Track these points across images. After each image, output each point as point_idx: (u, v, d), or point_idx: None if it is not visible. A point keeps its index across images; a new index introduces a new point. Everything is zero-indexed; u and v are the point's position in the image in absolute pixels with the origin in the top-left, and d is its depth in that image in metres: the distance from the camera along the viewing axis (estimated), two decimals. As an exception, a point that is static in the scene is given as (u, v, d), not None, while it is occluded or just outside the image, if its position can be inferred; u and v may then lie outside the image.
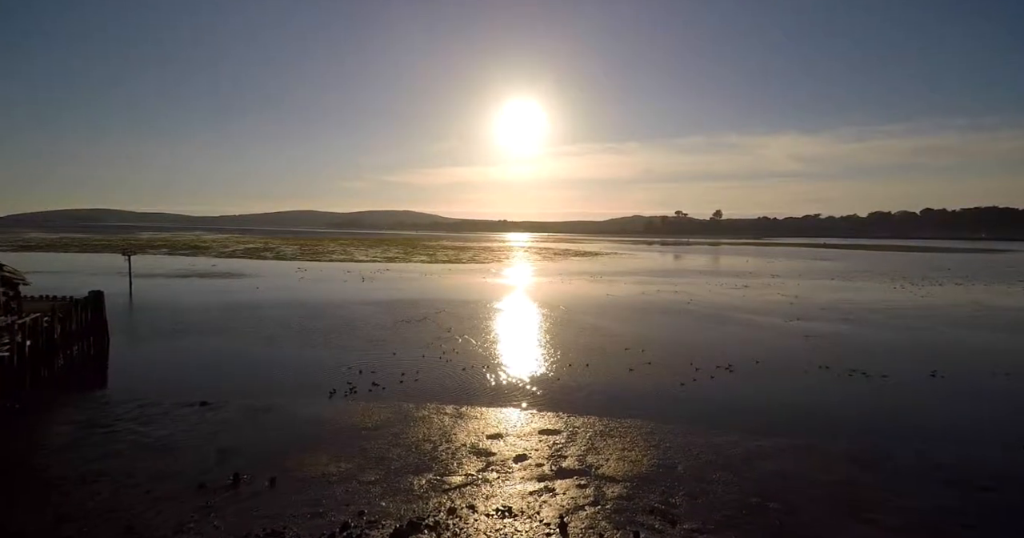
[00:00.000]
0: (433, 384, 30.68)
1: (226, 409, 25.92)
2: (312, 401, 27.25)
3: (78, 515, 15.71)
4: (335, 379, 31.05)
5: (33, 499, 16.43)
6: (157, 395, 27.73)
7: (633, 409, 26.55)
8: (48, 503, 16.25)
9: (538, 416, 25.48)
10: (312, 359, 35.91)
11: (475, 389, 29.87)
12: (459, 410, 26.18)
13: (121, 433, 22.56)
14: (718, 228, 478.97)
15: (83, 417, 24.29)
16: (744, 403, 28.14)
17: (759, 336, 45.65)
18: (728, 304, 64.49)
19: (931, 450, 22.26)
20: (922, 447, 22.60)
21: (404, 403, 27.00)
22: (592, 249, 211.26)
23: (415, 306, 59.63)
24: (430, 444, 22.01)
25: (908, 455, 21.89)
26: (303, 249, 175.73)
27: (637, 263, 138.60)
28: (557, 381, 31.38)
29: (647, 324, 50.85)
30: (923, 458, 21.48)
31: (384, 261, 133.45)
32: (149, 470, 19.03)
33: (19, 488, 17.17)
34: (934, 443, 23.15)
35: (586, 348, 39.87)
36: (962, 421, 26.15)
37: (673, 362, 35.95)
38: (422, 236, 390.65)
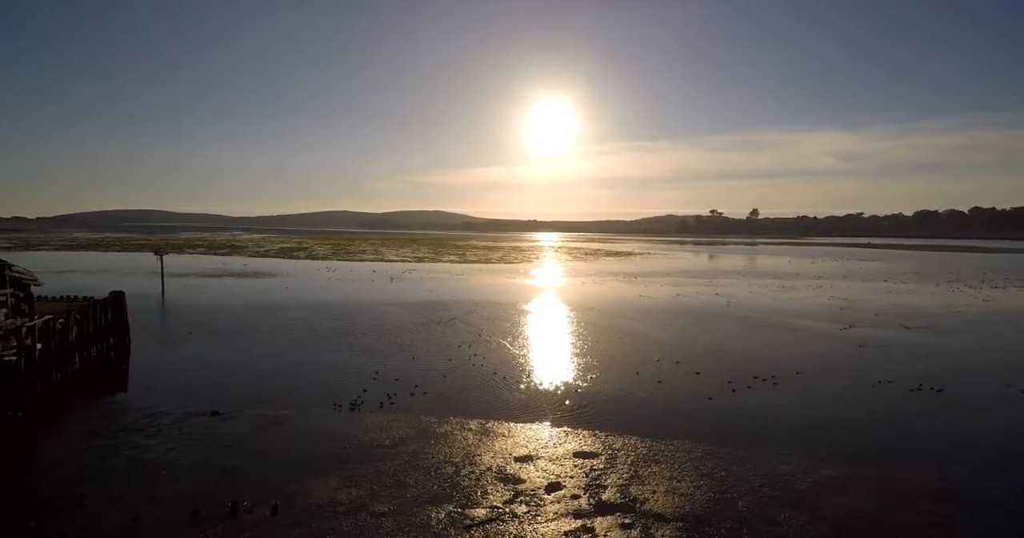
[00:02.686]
0: (458, 394, 28.42)
1: (237, 420, 24.16)
2: (328, 412, 25.30)
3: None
4: (355, 387, 29.10)
5: (10, 527, 14.71)
6: (169, 403, 26.21)
7: (678, 428, 23.73)
8: (24, 532, 14.50)
9: (572, 435, 22.89)
10: (334, 364, 34.12)
11: (502, 400, 27.47)
12: (485, 426, 23.80)
13: (122, 447, 20.92)
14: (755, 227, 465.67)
15: (86, 427, 22.81)
16: (801, 422, 25.02)
17: (809, 344, 42.01)
18: (772, 307, 60.54)
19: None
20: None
21: (426, 416, 24.77)
22: (624, 249, 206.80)
23: (443, 307, 57.65)
24: (452, 467, 19.69)
25: (1011, 489, 18.57)
26: (335, 249, 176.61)
27: (671, 263, 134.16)
28: (591, 392, 28.73)
29: (685, 328, 47.63)
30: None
31: (414, 261, 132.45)
32: (142, 493, 17.21)
33: None
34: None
35: (621, 354, 37.07)
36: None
37: (718, 372, 32.89)
38: (452, 236, 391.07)
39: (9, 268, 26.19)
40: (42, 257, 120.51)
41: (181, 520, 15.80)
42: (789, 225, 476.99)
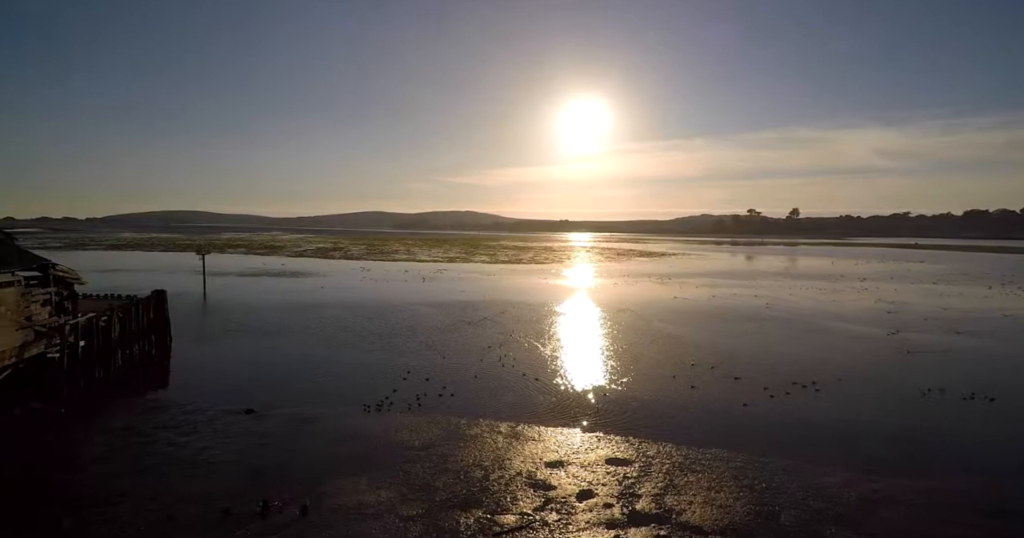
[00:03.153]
0: (488, 395, 28.11)
1: (270, 419, 24.39)
2: (359, 412, 25.31)
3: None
4: (386, 387, 29.11)
5: (45, 523, 15.04)
6: (206, 400, 26.69)
7: (715, 435, 22.86)
8: (57, 531, 14.79)
9: (604, 440, 22.28)
10: (366, 364, 34.26)
11: (533, 403, 27.03)
12: (515, 429, 23.40)
13: (158, 444, 21.31)
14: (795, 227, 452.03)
15: (125, 424, 23.35)
16: (846, 432, 23.83)
17: (853, 349, 40.22)
18: (813, 310, 58.39)
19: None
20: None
21: (456, 418, 24.54)
22: (658, 249, 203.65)
23: (474, 307, 57.53)
24: (481, 471, 19.36)
25: (1081, 512, 17.16)
26: (369, 249, 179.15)
27: (707, 264, 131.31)
28: (624, 397, 28.02)
29: (721, 331, 46.27)
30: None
31: (445, 261, 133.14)
32: (176, 491, 17.42)
33: (35, 508, 15.89)
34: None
35: (654, 358, 36.16)
36: None
37: (755, 377, 31.72)
38: (483, 236, 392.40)
39: (53, 267, 27.03)
40: (90, 256, 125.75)
41: (213, 519, 15.89)
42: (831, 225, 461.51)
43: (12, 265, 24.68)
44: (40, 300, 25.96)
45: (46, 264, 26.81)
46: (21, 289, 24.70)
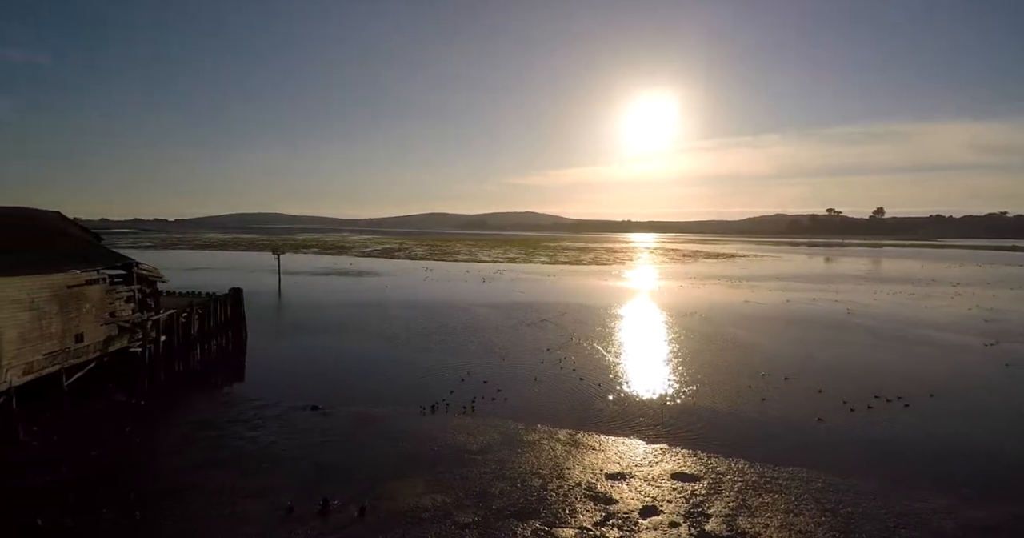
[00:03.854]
0: (547, 400, 27.50)
1: (334, 416, 24.87)
2: (419, 412, 25.37)
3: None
4: (445, 387, 29.12)
5: (117, 515, 15.78)
6: (275, 396, 27.60)
7: (792, 452, 21.23)
8: (130, 520, 15.46)
9: (670, 453, 21.16)
10: (426, 364, 34.49)
11: (594, 410, 26.18)
12: (574, 437, 22.68)
13: (229, 437, 22.12)
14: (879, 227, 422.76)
15: (199, 417, 24.45)
16: (939, 452, 21.58)
17: (946, 361, 36.67)
18: (901, 317, 53.95)
19: None
20: None
21: (513, 422, 24.10)
22: (727, 250, 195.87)
23: (534, 309, 57.04)
24: (539, 479, 18.79)
25: None
26: (432, 249, 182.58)
27: (781, 266, 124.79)
28: (691, 407, 26.65)
29: (797, 338, 43.46)
30: None
31: (505, 262, 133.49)
32: (243, 486, 17.91)
33: (109, 500, 16.74)
34: None
35: (724, 366, 34.33)
36: None
37: (836, 389, 29.42)
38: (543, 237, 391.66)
39: (136, 266, 28.80)
40: (177, 255, 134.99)
41: (276, 516, 16.18)
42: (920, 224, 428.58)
43: (98, 264, 26.44)
44: (124, 297, 27.71)
45: (130, 263, 28.58)
46: (106, 287, 26.41)
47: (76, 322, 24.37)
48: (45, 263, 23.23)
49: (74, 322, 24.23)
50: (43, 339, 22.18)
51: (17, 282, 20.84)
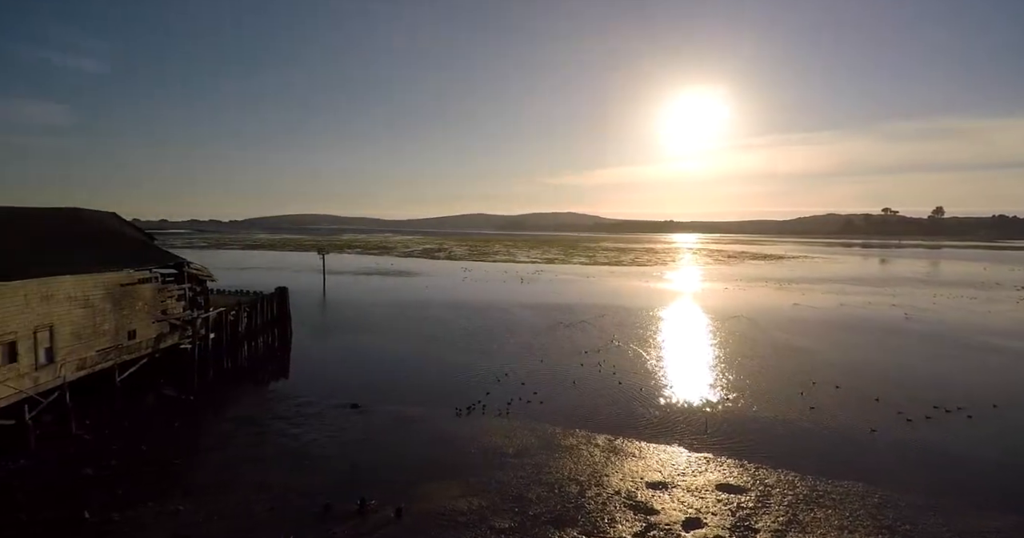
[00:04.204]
0: (585, 404, 26.96)
1: (373, 415, 25.03)
2: (456, 413, 25.26)
3: (196, 536, 14.91)
4: (482, 388, 28.96)
5: (161, 509, 16.17)
6: (317, 393, 28.03)
7: (848, 465, 20.07)
8: (174, 516, 15.82)
9: (714, 463, 20.33)
10: (463, 364, 34.44)
11: (634, 415, 25.48)
12: (613, 443, 22.09)
13: (271, 434, 22.52)
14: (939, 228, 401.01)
15: (244, 413, 25.03)
16: (1004, 467, 20.11)
17: (1012, 370, 34.29)
18: (962, 323, 50.77)
19: None
20: None
21: (550, 426, 23.68)
22: (775, 251, 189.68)
23: (572, 310, 56.41)
24: (577, 486, 18.33)
25: None
26: (471, 250, 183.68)
27: (834, 268, 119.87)
28: (737, 415, 25.63)
29: (850, 344, 41.42)
30: None
31: (543, 262, 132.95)
32: (284, 482, 18.12)
33: (155, 492, 17.20)
34: None
35: (772, 372, 32.97)
36: None
37: (891, 398, 27.79)
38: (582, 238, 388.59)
39: (187, 265, 29.74)
40: (230, 255, 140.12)
41: (314, 513, 16.28)
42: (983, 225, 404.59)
43: (150, 263, 27.40)
44: (175, 295, 28.65)
45: (181, 262, 29.54)
46: (158, 285, 27.35)
47: (129, 319, 25.32)
48: (100, 262, 24.22)
49: (127, 319, 25.18)
50: (97, 336, 23.12)
51: (72, 280, 21.79)
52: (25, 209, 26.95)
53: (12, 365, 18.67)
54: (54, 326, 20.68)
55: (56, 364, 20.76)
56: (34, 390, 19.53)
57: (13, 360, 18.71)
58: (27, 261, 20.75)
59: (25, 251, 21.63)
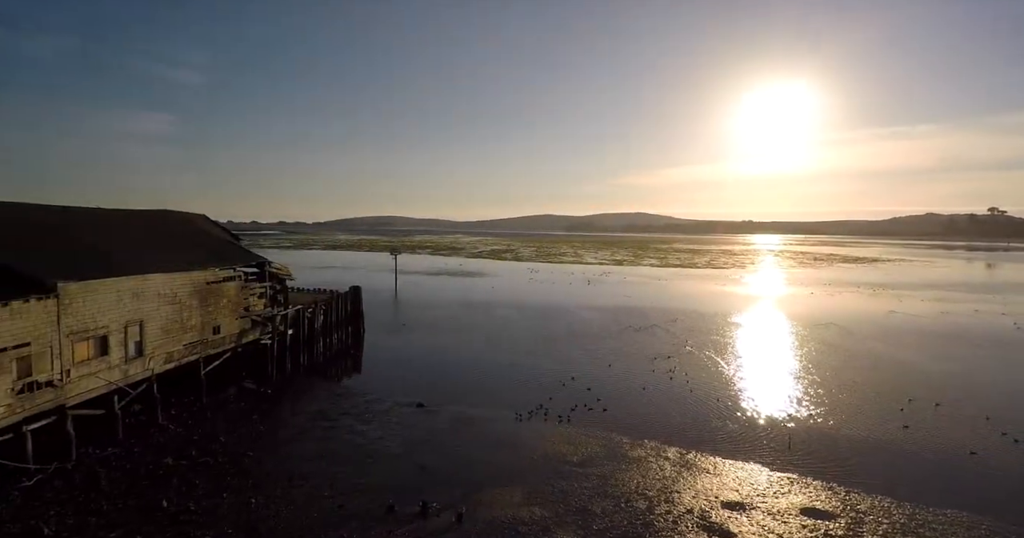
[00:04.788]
0: (656, 412, 25.71)
1: (437, 414, 25.06)
2: (520, 416, 24.80)
3: (265, 530, 15.24)
4: (546, 392, 28.34)
5: (235, 500, 16.70)
6: (385, 390, 28.50)
7: (951, 492, 17.85)
8: (246, 508, 16.28)
9: (799, 484, 18.67)
10: (528, 367, 33.97)
11: (709, 428, 23.99)
12: (685, 456, 20.82)
13: (340, 430, 22.98)
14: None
15: (316, 408, 25.75)
16: None
17: None
18: (1100, 337, 44.62)
19: None
20: None
21: (617, 435, 22.69)
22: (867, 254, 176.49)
23: (642, 314, 54.62)
24: (645, 501, 17.34)
25: None
26: (538, 251, 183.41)
27: (934, 273, 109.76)
28: (824, 432, 23.54)
29: (953, 356, 37.35)
30: None
31: (612, 264, 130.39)
32: (350, 480, 18.33)
33: (230, 484, 17.83)
34: None
35: (867, 387, 30.20)
36: None
37: (1002, 418, 24.63)
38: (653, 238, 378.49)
39: (268, 264, 31.09)
40: (312, 255, 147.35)
41: (378, 514, 16.30)
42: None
43: (235, 262, 28.80)
44: (257, 293, 30.00)
45: (263, 261, 30.92)
46: (241, 283, 28.70)
47: (214, 315, 26.71)
48: (188, 261, 25.70)
49: (212, 315, 26.57)
50: (184, 330, 24.52)
51: (162, 278, 23.19)
52: (124, 210, 29.09)
53: (104, 358, 20.04)
54: (144, 321, 22.06)
55: (145, 357, 22.13)
56: (124, 382, 20.88)
57: (105, 353, 20.08)
58: (121, 259, 22.27)
59: (120, 250, 23.24)
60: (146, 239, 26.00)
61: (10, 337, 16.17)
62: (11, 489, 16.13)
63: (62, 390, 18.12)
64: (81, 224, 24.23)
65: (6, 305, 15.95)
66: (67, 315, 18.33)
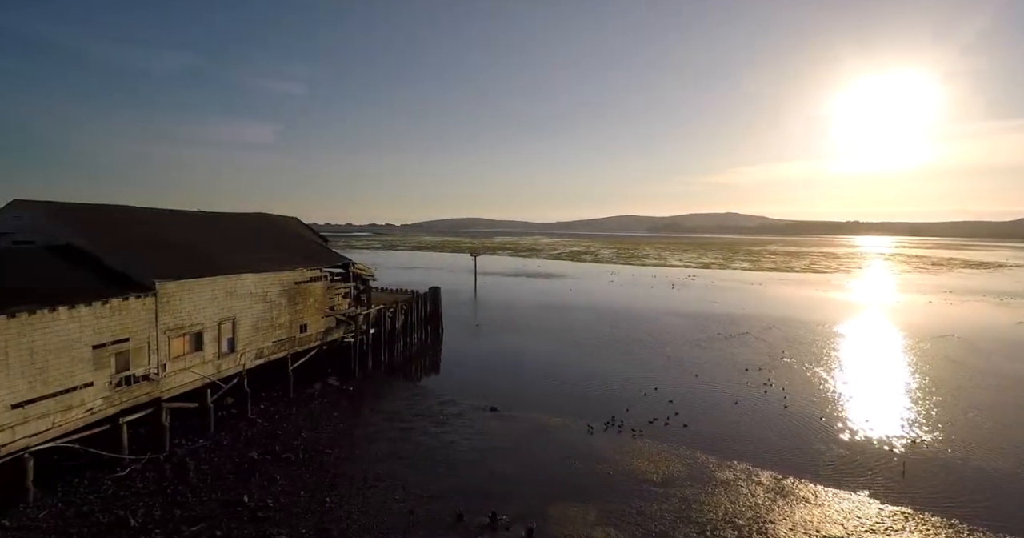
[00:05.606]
0: (747, 430, 23.68)
1: (511, 420, 24.52)
2: (596, 427, 23.69)
3: (336, 532, 15.27)
4: (624, 403, 27.00)
5: (311, 499, 16.92)
6: (460, 392, 28.41)
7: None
8: (320, 507, 16.44)
9: (915, 520, 16.28)
10: (607, 374, 32.69)
11: (809, 451, 21.71)
12: (780, 482, 18.86)
13: (415, 432, 22.99)
14: None
15: (393, 407, 26.03)
16: None
17: None
18: None
19: None
20: None
21: (703, 454, 21.03)
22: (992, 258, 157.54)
23: (732, 321, 51.37)
24: (734, 531, 15.75)
25: None
26: (618, 253, 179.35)
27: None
28: (948, 461, 20.56)
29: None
30: None
31: (699, 266, 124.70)
32: (420, 484, 18.14)
33: (308, 482, 18.14)
34: None
35: (996, 410, 26.29)
36: None
37: None
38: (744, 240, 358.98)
39: (353, 265, 31.99)
40: (397, 255, 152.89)
41: (447, 522, 15.94)
42: None
43: (321, 263, 29.83)
44: (342, 293, 30.95)
45: (347, 262, 31.86)
46: (327, 283, 29.69)
47: (301, 314, 27.79)
48: (278, 261, 26.88)
49: (300, 314, 27.65)
50: (273, 328, 25.64)
51: (254, 278, 24.35)
52: (222, 213, 31.00)
53: (198, 353, 21.22)
54: (236, 319, 23.22)
55: (237, 353, 23.28)
56: (216, 376, 22.05)
57: (199, 348, 21.26)
58: (216, 260, 23.58)
59: (216, 251, 24.64)
60: (240, 241, 27.49)
61: (110, 333, 17.40)
62: (105, 478, 17.29)
63: (158, 384, 19.32)
64: (180, 226, 26.00)
65: (106, 303, 17.18)
66: (164, 312, 19.54)
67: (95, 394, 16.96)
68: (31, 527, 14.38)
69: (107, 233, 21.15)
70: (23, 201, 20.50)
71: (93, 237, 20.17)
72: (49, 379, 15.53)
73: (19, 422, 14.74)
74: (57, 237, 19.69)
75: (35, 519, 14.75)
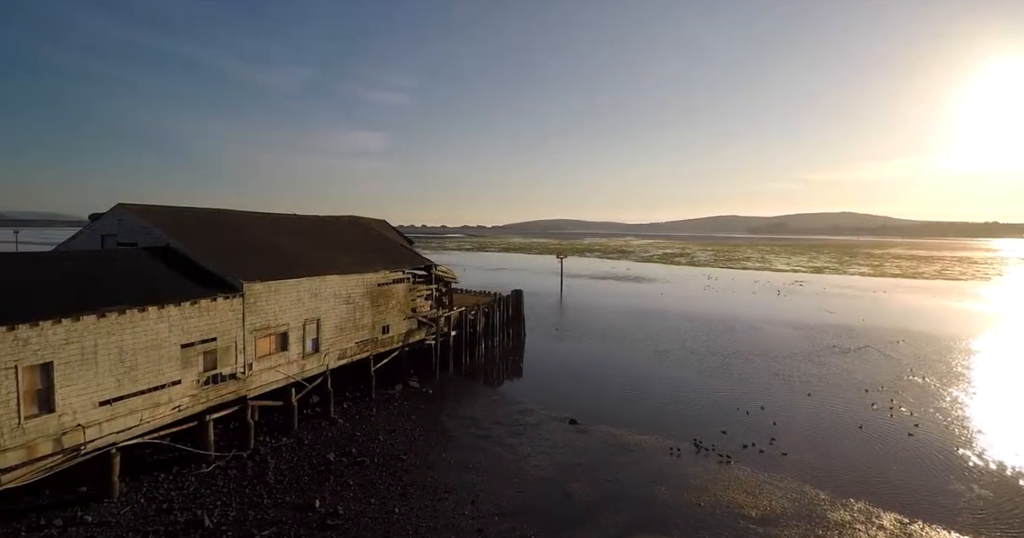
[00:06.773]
0: (866, 462, 20.60)
1: (591, 435, 23.05)
2: (685, 450, 21.64)
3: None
4: (720, 422, 24.61)
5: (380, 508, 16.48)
6: (539, 401, 27.36)
7: None
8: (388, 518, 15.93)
9: (1101, 601, 12.98)
10: (701, 389, 30.20)
11: (943, 490, 18.42)
12: (907, 527, 15.98)
13: (490, 441, 22.18)
14: None
15: (470, 413, 25.42)
16: None
17: None
18: None
19: None
20: None
21: (811, 488, 18.42)
22: None
23: (849, 333, 46.26)
24: (850, 586, 13.37)
25: None
26: (717, 255, 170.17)
27: None
28: None
29: None
30: None
31: (808, 271, 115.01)
32: (492, 500, 17.23)
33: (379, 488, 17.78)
34: None
35: None
36: None
37: None
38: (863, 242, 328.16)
39: (435, 267, 31.92)
40: (486, 257, 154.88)
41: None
42: None
43: (404, 265, 29.94)
44: (424, 294, 30.94)
45: (430, 265, 31.84)
46: (410, 285, 29.75)
47: (384, 315, 28.00)
48: (362, 263, 27.24)
49: (382, 315, 27.88)
50: (356, 329, 25.95)
51: (338, 279, 24.73)
52: (311, 216, 32.07)
53: (283, 353, 21.72)
54: (321, 319, 23.63)
55: (321, 353, 23.69)
56: (300, 376, 22.50)
57: (284, 348, 21.76)
58: (302, 261, 24.16)
59: (302, 253, 25.29)
60: (327, 243, 28.18)
61: (198, 332, 18.05)
62: (190, 475, 17.90)
63: (244, 382, 19.90)
64: (269, 228, 27.03)
65: (195, 303, 17.83)
66: (251, 313, 20.12)
67: (183, 392, 17.66)
68: (111, 523, 14.98)
69: (201, 235, 22.24)
70: (126, 205, 22.00)
71: (188, 239, 21.23)
72: (138, 377, 16.28)
73: (107, 419, 15.51)
74: (157, 239, 20.92)
75: (116, 515, 15.38)
